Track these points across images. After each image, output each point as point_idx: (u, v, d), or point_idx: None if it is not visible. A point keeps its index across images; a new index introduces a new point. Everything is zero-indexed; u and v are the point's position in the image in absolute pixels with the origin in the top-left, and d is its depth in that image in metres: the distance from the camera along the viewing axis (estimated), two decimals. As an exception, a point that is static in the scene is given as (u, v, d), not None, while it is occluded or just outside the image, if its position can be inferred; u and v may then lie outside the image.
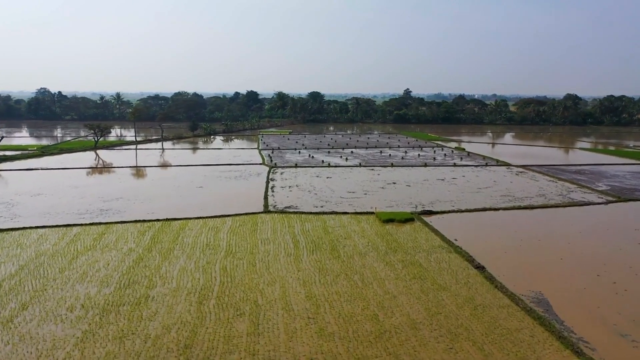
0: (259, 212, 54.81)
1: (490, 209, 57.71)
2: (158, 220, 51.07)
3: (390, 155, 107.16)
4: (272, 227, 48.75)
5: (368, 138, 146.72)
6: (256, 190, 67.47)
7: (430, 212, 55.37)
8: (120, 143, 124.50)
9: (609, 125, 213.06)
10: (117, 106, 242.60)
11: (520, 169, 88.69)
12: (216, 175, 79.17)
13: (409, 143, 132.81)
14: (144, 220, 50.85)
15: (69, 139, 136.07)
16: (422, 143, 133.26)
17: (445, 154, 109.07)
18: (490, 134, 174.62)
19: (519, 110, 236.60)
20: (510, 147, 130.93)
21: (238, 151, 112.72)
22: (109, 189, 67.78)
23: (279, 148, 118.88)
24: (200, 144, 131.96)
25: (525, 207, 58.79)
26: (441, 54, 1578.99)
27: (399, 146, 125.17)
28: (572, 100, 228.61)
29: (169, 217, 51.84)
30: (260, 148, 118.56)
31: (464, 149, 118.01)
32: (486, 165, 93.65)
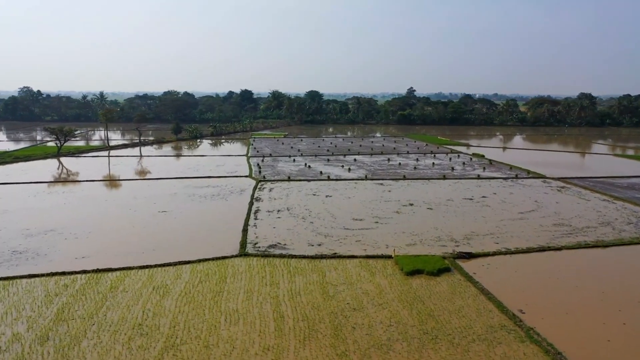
0: (232, 256, 39.37)
1: (549, 249, 42.29)
2: (85, 272, 35.64)
3: (400, 164, 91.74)
4: (246, 286, 33.36)
5: (372, 142, 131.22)
6: (235, 216, 52.04)
7: (469, 255, 39.97)
8: (89, 149, 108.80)
9: (629, 127, 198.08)
10: (105, 106, 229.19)
11: (560, 183, 73.33)
12: (189, 193, 63.70)
13: (418, 148, 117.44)
14: (64, 273, 35.40)
15: (49, 142, 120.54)
16: (433, 148, 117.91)
17: (463, 162, 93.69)
18: (503, 137, 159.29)
19: (531, 110, 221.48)
20: (533, 152, 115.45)
21: (223, 159, 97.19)
22: (44, 215, 52.29)
23: (270, 155, 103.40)
24: (184, 149, 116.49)
25: (595, 245, 43.41)
26: (441, 53, 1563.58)
27: (408, 152, 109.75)
28: (589, 99, 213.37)
29: (101, 267, 36.40)
30: (249, 155, 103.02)
31: (483, 156, 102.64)
32: (516, 177, 78.24)
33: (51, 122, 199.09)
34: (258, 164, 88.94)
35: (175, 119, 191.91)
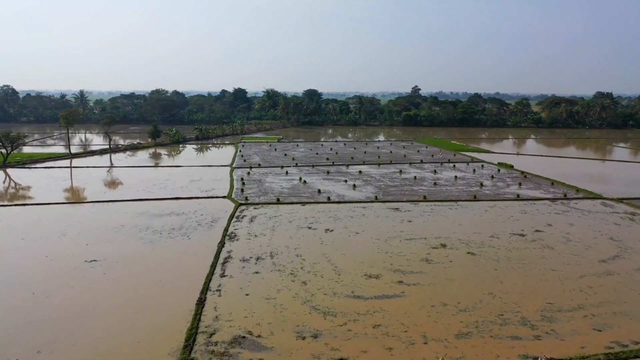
0: (164, 370, 23.11)
1: (690, 345, 26.06)
2: None
3: (415, 177, 75.34)
4: None
5: (378, 148, 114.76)
6: (193, 270, 35.75)
7: (568, 365, 23.70)
8: (47, 157, 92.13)
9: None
10: (89, 105, 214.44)
11: (626, 207, 56.99)
12: (141, 226, 47.30)
13: (432, 155, 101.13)
14: None
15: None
16: (449, 155, 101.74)
17: (492, 176, 77.35)
18: (520, 140, 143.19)
19: (546, 110, 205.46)
20: (566, 161, 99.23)
21: (201, 171, 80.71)
22: None
23: (259, 165, 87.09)
24: (161, 157, 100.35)
25: None
26: (441, 52, 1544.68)
27: (421, 160, 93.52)
28: (609, 99, 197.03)
29: None
30: (233, 165, 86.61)
31: (512, 166, 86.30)
32: (565, 197, 61.97)
33: (27, 123, 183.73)
34: (242, 178, 72.60)
35: (161, 119, 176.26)
